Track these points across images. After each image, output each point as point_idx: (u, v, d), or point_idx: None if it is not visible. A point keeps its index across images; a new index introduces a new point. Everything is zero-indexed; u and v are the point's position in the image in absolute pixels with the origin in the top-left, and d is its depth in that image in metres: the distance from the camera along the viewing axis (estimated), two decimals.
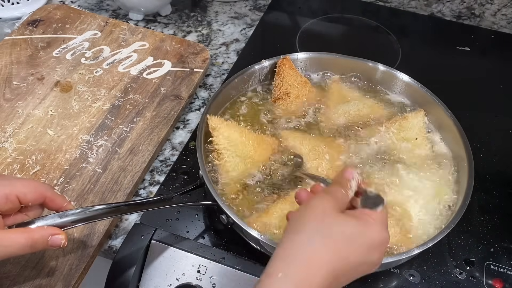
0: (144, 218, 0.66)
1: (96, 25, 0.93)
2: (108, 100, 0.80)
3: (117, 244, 0.64)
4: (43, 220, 0.51)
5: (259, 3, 1.09)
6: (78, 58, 0.87)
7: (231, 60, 0.94)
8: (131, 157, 0.72)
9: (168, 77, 0.85)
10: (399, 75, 0.76)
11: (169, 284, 0.59)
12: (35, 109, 0.77)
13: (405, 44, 0.97)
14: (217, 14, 1.05)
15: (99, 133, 0.75)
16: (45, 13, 0.94)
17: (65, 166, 0.70)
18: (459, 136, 0.67)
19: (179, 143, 0.78)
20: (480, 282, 0.62)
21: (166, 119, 0.78)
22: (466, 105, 0.82)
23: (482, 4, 1.04)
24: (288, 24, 1.03)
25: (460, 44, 0.99)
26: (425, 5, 1.08)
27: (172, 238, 0.62)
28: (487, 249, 0.65)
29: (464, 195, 0.60)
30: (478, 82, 0.91)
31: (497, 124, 0.83)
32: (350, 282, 0.46)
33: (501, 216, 0.69)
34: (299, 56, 0.79)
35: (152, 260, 0.61)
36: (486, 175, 0.74)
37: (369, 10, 1.07)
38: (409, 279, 0.61)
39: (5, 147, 0.71)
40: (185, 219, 0.66)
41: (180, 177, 0.72)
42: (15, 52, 0.86)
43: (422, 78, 0.75)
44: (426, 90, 0.73)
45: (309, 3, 1.08)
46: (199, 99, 0.86)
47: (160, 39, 0.92)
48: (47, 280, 0.58)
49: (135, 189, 0.71)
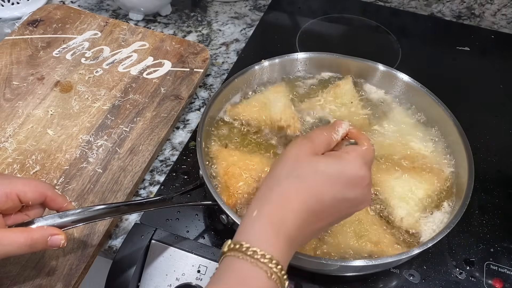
0: (144, 218, 0.66)
1: (96, 25, 0.93)
2: (108, 100, 0.80)
3: (117, 244, 0.64)
4: (43, 220, 0.51)
5: (259, 3, 1.09)
6: (78, 58, 0.87)
7: (231, 60, 0.94)
8: (131, 157, 0.72)
9: (168, 77, 0.85)
10: (399, 75, 0.76)
11: (169, 284, 0.59)
12: (35, 109, 0.77)
13: (405, 44, 0.97)
14: (217, 14, 1.05)
15: (99, 133, 0.75)
16: (45, 13, 0.94)
17: (65, 166, 0.70)
18: (459, 136, 0.67)
19: (179, 143, 0.78)
20: (480, 282, 0.62)
21: (166, 119, 0.78)
22: (466, 105, 0.82)
23: (482, 4, 1.04)
24: (288, 24, 1.03)
25: (460, 44, 0.99)
26: (425, 5, 1.08)
27: (172, 238, 0.62)
28: (487, 249, 0.65)
29: (464, 195, 0.60)
30: (478, 82, 0.91)
31: (497, 124, 0.83)
32: (341, 220, 0.49)
33: (501, 216, 0.69)
34: (299, 56, 0.79)
35: (152, 260, 0.61)
36: (486, 175, 0.74)
37: (369, 10, 1.07)
38: (409, 279, 0.61)
39: (5, 147, 0.71)
40: (185, 219, 0.66)
41: (180, 177, 0.72)
42: (15, 52, 0.86)
43: (422, 78, 0.75)
44: (426, 90, 0.73)
45: (309, 3, 1.08)
46: (199, 99, 0.86)
47: (160, 39, 0.92)
48: (47, 280, 0.58)
49: (135, 189, 0.71)
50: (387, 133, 0.72)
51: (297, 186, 0.45)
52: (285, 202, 0.44)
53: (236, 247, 0.42)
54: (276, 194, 0.45)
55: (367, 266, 0.54)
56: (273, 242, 0.43)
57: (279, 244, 0.43)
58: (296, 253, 0.54)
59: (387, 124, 0.73)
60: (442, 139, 0.71)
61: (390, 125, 0.73)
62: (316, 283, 0.60)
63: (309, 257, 0.54)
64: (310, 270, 0.59)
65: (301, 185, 0.45)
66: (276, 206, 0.44)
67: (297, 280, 0.59)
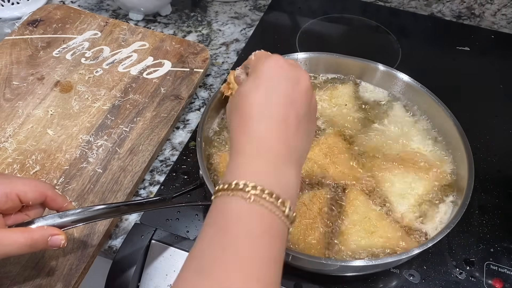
0: (144, 218, 0.66)
1: (96, 25, 0.93)
2: (108, 100, 0.80)
3: (117, 244, 0.64)
4: (43, 220, 0.51)
5: (259, 3, 1.09)
6: (78, 58, 0.87)
7: (231, 60, 0.94)
8: (131, 157, 0.72)
9: (168, 77, 0.85)
10: (399, 75, 0.76)
11: (169, 284, 0.60)
12: (35, 109, 0.77)
13: (405, 44, 0.97)
14: (217, 14, 1.05)
15: (99, 133, 0.75)
16: (45, 13, 0.94)
17: (65, 166, 0.70)
18: (459, 136, 0.67)
19: (179, 143, 0.78)
20: (480, 282, 0.62)
21: (166, 119, 0.78)
22: (466, 105, 0.82)
23: (482, 4, 1.04)
24: (288, 24, 1.03)
25: (460, 44, 0.99)
26: (425, 5, 1.08)
27: (172, 238, 0.62)
28: (487, 249, 0.65)
29: (464, 195, 0.60)
30: (478, 82, 0.91)
31: (497, 124, 0.83)
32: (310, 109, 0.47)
33: (501, 216, 0.69)
34: (299, 56, 0.79)
35: (152, 260, 0.61)
36: (486, 175, 0.74)
37: (369, 10, 1.07)
38: (409, 279, 0.61)
39: (5, 147, 0.71)
40: (185, 219, 0.66)
41: (180, 177, 0.72)
42: (15, 52, 0.86)
43: (422, 78, 0.75)
44: (426, 90, 0.73)
45: (309, 3, 1.08)
46: (199, 99, 0.86)
47: (160, 39, 0.92)
48: (47, 280, 0.58)
49: (135, 189, 0.71)
50: (387, 132, 0.72)
51: (239, 119, 0.45)
52: (247, 127, 0.44)
53: (221, 187, 0.40)
54: (238, 134, 0.44)
55: (367, 266, 0.54)
56: (257, 169, 0.41)
57: (264, 168, 0.41)
58: (296, 253, 0.54)
59: (388, 123, 0.73)
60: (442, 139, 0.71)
61: (390, 124, 0.73)
62: (316, 283, 0.60)
63: (309, 257, 0.54)
64: (310, 270, 0.59)
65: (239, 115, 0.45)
66: (243, 140, 0.43)
67: (297, 280, 0.59)
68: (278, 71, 0.46)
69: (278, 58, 0.47)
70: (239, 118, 0.45)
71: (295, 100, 0.45)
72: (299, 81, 0.46)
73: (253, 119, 0.44)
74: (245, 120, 0.44)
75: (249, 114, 0.44)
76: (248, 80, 0.47)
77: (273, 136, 0.43)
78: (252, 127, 0.43)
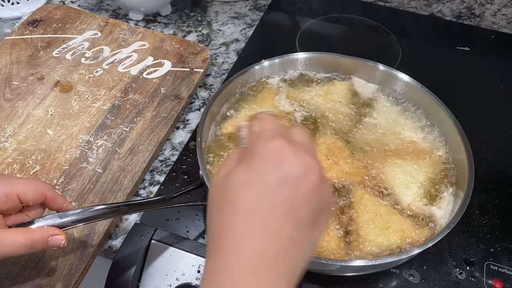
0: (144, 218, 0.66)
1: (96, 25, 0.93)
2: (108, 100, 0.80)
3: (117, 244, 0.64)
4: (43, 220, 0.51)
5: (259, 3, 1.09)
6: (78, 58, 0.87)
7: (231, 60, 0.94)
8: (131, 157, 0.72)
9: (168, 77, 0.85)
10: (399, 75, 0.76)
11: (169, 284, 0.60)
12: (35, 109, 0.77)
13: (405, 44, 0.97)
14: (217, 14, 1.05)
15: (99, 133, 0.75)
16: (45, 13, 0.94)
17: (65, 166, 0.70)
18: (459, 136, 0.67)
19: (179, 143, 0.78)
20: (480, 282, 0.62)
21: (166, 119, 0.78)
22: (466, 105, 0.81)
23: (482, 4, 1.04)
24: (288, 24, 1.03)
25: (460, 44, 0.99)
26: (425, 5, 1.08)
27: (172, 238, 0.62)
28: (487, 249, 0.65)
29: (464, 195, 0.60)
30: (478, 82, 0.91)
31: (497, 124, 0.83)
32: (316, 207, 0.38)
33: (501, 216, 0.69)
34: (299, 56, 0.79)
35: (152, 260, 0.61)
36: (486, 175, 0.74)
37: (369, 10, 1.07)
38: (409, 279, 0.61)
39: (5, 147, 0.71)
40: (185, 219, 0.66)
41: (180, 177, 0.72)
42: (15, 52, 0.86)
43: (422, 78, 0.75)
44: (426, 90, 0.73)
45: (309, 3, 1.08)
46: (199, 99, 0.86)
47: (160, 39, 0.92)
48: (47, 280, 0.58)
49: (135, 189, 0.71)
50: (380, 125, 0.73)
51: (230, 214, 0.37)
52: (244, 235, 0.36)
53: None
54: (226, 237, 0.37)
55: (367, 266, 0.54)
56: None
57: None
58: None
59: (378, 116, 0.74)
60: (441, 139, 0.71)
61: (381, 117, 0.74)
62: (316, 283, 0.60)
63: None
64: (310, 270, 0.59)
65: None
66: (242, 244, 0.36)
67: None
68: (279, 164, 0.37)
69: (283, 145, 0.38)
70: (222, 213, 0.38)
71: (296, 207, 0.37)
72: (306, 176, 0.37)
73: (236, 226, 0.36)
74: (228, 219, 0.37)
75: (232, 219, 0.37)
76: (241, 165, 0.38)
77: (258, 252, 0.35)
78: (236, 236, 0.36)
